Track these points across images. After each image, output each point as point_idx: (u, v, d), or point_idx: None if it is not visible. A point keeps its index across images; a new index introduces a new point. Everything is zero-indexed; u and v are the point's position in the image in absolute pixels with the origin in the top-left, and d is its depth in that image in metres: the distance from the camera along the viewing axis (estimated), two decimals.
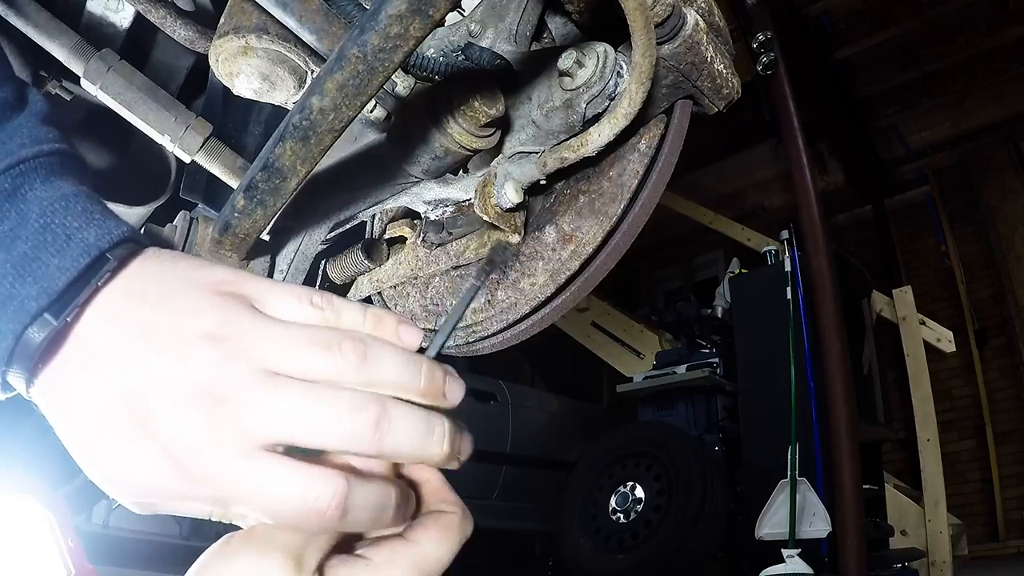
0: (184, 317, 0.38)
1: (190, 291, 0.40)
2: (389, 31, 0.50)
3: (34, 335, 0.38)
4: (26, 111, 0.45)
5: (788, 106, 4.01)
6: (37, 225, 0.40)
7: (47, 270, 0.38)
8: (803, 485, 3.43)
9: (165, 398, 0.36)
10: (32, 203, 0.41)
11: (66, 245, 0.39)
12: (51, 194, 0.41)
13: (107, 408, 0.37)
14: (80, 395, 0.38)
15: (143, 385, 0.37)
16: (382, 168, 0.86)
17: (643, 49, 0.62)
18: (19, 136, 0.43)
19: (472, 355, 0.93)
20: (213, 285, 0.40)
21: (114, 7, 1.07)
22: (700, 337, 4.99)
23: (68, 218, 0.40)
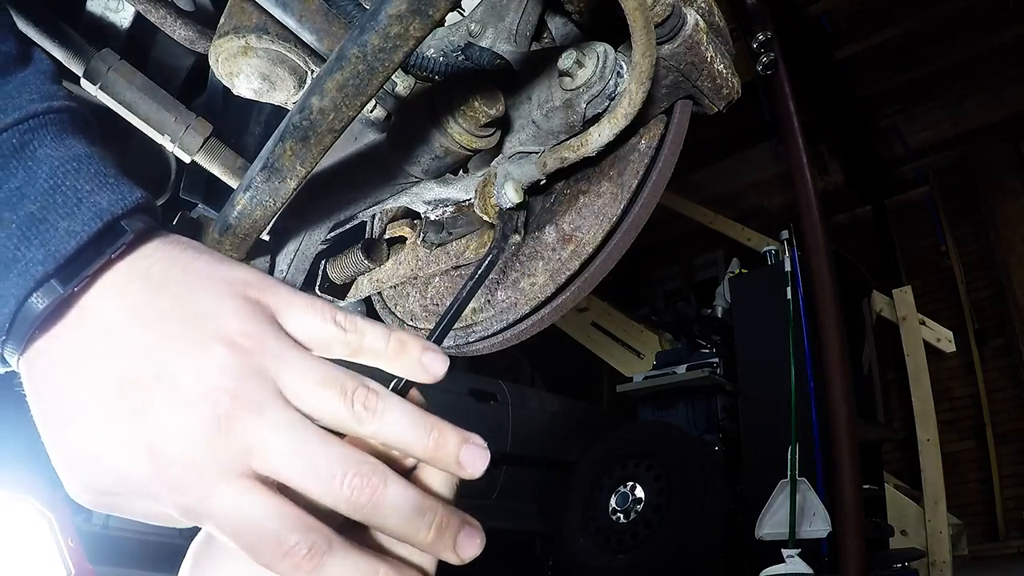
0: (206, 315, 0.37)
1: (214, 287, 0.38)
2: (389, 31, 0.50)
3: (37, 302, 0.36)
4: (32, 67, 0.42)
5: (788, 106, 4.01)
6: (46, 185, 0.37)
7: (55, 233, 0.36)
8: (803, 485, 3.43)
9: (169, 394, 0.34)
10: (41, 161, 0.38)
11: (76, 208, 0.37)
12: (62, 153, 0.39)
13: (100, 388, 0.35)
14: (72, 368, 0.36)
15: (147, 375, 0.35)
16: (382, 168, 0.86)
17: (643, 49, 0.62)
18: (27, 90, 0.40)
19: (472, 355, 0.93)
20: (238, 286, 0.38)
21: (114, 7, 1.07)
22: (700, 337, 4.99)
23: (80, 180, 0.38)
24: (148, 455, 0.34)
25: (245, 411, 0.34)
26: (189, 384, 0.34)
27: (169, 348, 0.35)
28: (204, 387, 0.34)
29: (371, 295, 1.07)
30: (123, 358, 0.36)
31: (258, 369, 0.35)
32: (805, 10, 5.83)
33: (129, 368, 0.35)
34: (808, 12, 5.88)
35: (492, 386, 4.81)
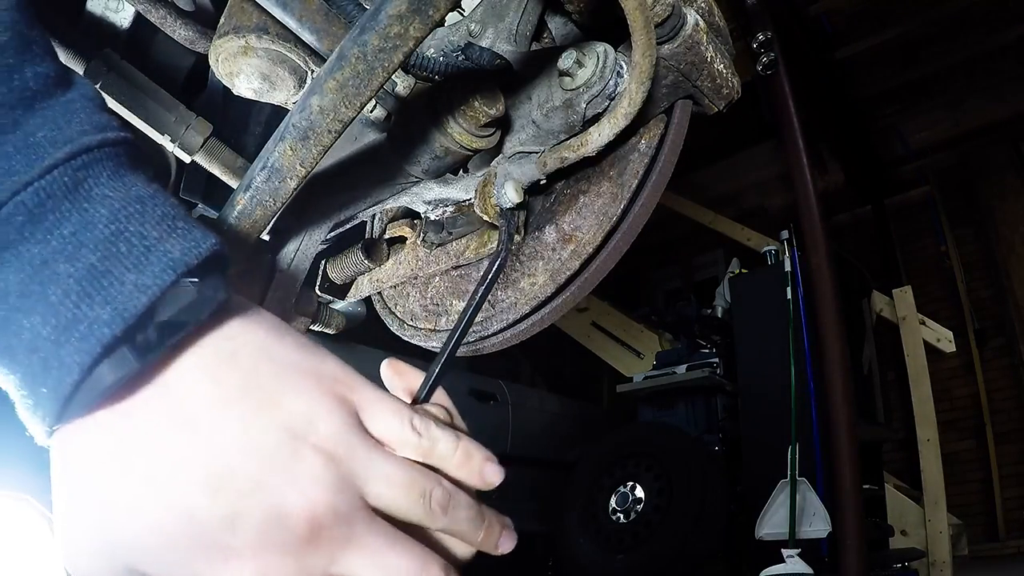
0: (300, 417, 0.35)
1: (306, 385, 0.36)
2: (389, 31, 0.50)
3: (106, 372, 0.31)
4: (75, 91, 0.37)
5: (788, 106, 4.01)
6: (107, 231, 0.33)
7: (121, 288, 0.32)
8: (803, 485, 3.43)
9: (264, 504, 0.33)
10: (99, 203, 0.33)
11: (144, 258, 0.32)
12: (122, 194, 0.34)
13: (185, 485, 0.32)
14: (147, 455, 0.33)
15: (243, 482, 0.33)
16: (382, 168, 0.86)
17: (643, 49, 0.62)
18: (76, 119, 0.35)
19: (472, 355, 0.93)
20: (328, 382, 0.37)
21: (114, 7, 1.07)
22: (700, 337, 4.99)
23: (145, 224, 0.33)
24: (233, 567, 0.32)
25: (336, 525, 0.34)
26: (285, 496, 0.33)
27: (265, 453, 0.33)
28: (300, 500, 0.33)
29: (371, 295, 1.07)
30: (215, 456, 0.33)
31: (348, 478, 0.35)
32: (805, 10, 5.83)
33: (222, 468, 0.33)
34: (808, 12, 5.88)
35: (492, 386, 4.81)
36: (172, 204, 0.35)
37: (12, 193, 0.32)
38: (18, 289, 0.31)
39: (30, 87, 0.34)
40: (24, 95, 0.34)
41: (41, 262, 0.32)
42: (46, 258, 0.32)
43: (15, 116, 0.33)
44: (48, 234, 0.32)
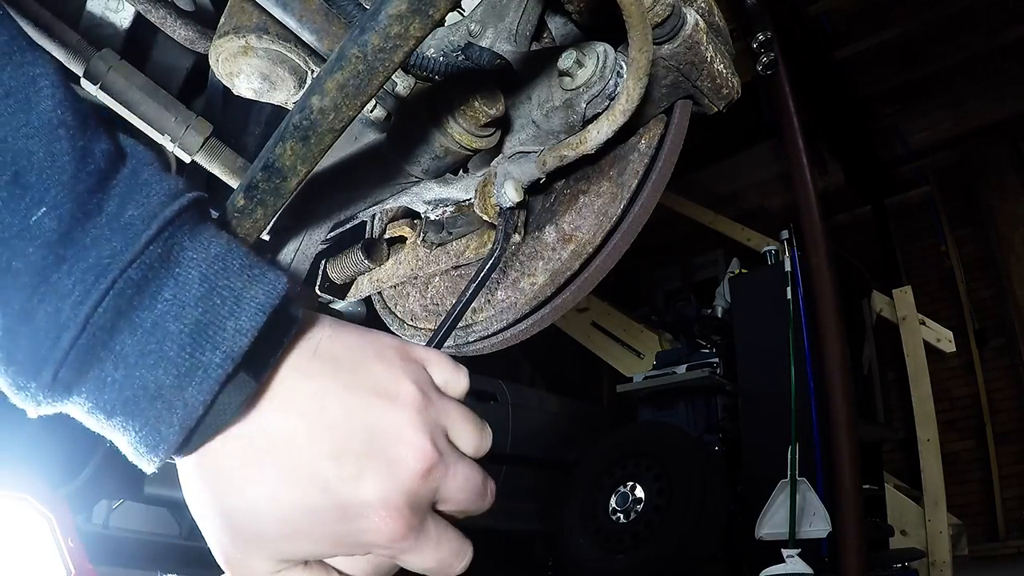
0: (386, 381, 0.43)
1: (378, 355, 0.44)
2: (389, 31, 0.50)
3: (227, 401, 0.39)
4: (132, 161, 0.41)
5: (788, 106, 4.01)
6: (201, 290, 0.39)
7: (225, 334, 0.38)
8: (803, 485, 3.43)
9: (381, 458, 0.40)
10: (188, 266, 0.39)
11: (237, 306, 0.39)
12: (203, 254, 0.40)
13: (314, 462, 0.40)
14: (277, 447, 0.40)
15: (358, 444, 0.40)
16: (382, 168, 0.86)
17: (639, 45, 0.62)
18: (152, 192, 0.40)
19: (472, 355, 0.93)
20: (396, 350, 0.45)
21: (114, 7, 1.07)
22: (700, 337, 4.99)
23: (230, 278, 0.40)
24: (370, 515, 0.40)
25: (438, 463, 0.42)
26: (396, 447, 0.41)
27: (369, 417, 0.41)
28: (408, 449, 0.41)
29: (371, 295, 1.07)
30: (330, 431, 0.40)
31: (436, 422, 0.43)
32: (805, 10, 5.83)
33: (341, 439, 0.40)
34: (808, 12, 5.88)
35: (492, 386, 4.81)
36: (243, 253, 0.41)
37: (121, 271, 0.37)
38: (136, 350, 0.37)
39: (101, 168, 0.38)
40: (100, 177, 0.38)
41: (152, 325, 0.37)
42: (155, 320, 0.37)
43: (98, 200, 0.38)
44: (153, 300, 0.38)
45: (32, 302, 0.36)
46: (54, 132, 0.37)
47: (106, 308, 0.36)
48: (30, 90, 0.37)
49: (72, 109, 0.39)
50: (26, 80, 0.38)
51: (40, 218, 0.36)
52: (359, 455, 0.40)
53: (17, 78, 0.37)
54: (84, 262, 0.36)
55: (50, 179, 0.36)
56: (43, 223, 0.36)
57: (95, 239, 0.37)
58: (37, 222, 0.36)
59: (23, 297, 0.36)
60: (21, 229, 0.36)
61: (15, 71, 0.37)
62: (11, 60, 0.38)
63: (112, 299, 0.36)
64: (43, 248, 0.36)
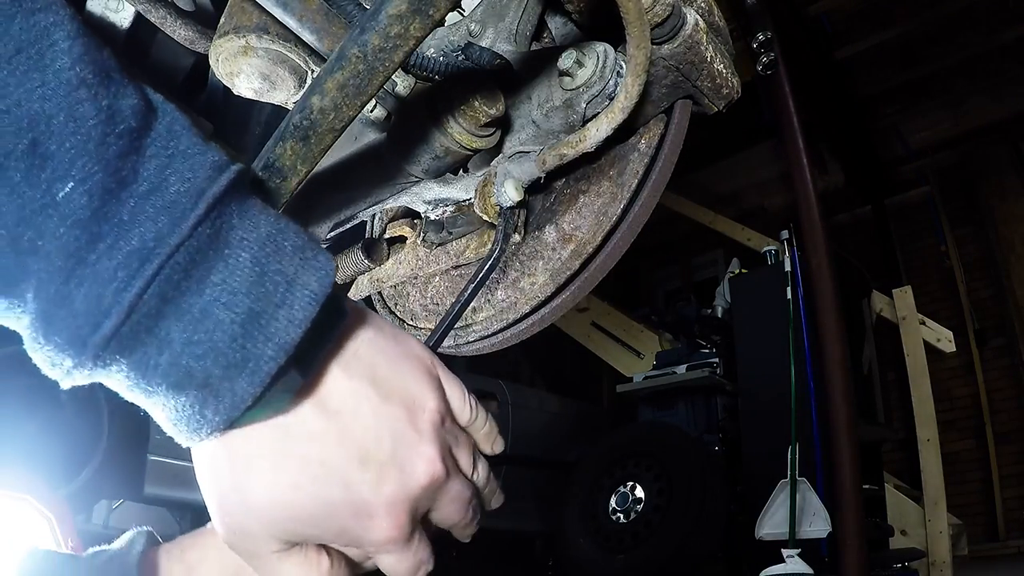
0: (415, 396, 0.44)
1: (412, 369, 0.46)
2: (389, 31, 0.50)
3: (275, 395, 0.38)
4: (165, 118, 0.37)
5: (788, 106, 4.01)
6: (252, 275, 0.37)
7: (277, 325, 0.37)
8: (803, 485, 3.43)
9: (401, 469, 0.42)
10: (238, 247, 0.37)
11: (288, 293, 0.37)
12: (254, 234, 0.37)
13: (342, 461, 0.41)
14: (309, 443, 0.40)
15: (384, 452, 0.42)
16: (382, 168, 0.86)
17: (637, 41, 0.62)
18: (197, 164, 0.37)
19: (472, 355, 0.94)
20: (426, 366, 0.47)
21: (114, 7, 1.07)
22: (700, 337, 4.99)
23: (282, 261, 0.38)
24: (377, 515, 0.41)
25: (443, 479, 0.44)
26: (413, 458, 0.43)
27: (397, 426, 0.43)
28: (422, 462, 0.43)
29: (371, 294, 1.07)
30: (361, 435, 0.41)
31: (447, 441, 0.46)
32: (805, 10, 5.83)
33: (369, 445, 0.41)
34: (808, 12, 5.88)
35: (492, 386, 4.81)
36: (294, 232, 0.40)
37: (168, 256, 0.34)
38: (183, 338, 0.36)
39: (132, 126, 0.35)
40: (132, 137, 0.35)
41: (200, 312, 0.36)
42: (204, 308, 0.36)
43: (132, 163, 0.35)
44: (201, 284, 0.36)
45: (69, 286, 0.33)
46: (74, 92, 0.34)
47: (151, 295, 0.34)
48: (43, 44, 0.34)
49: (92, 63, 0.35)
50: (38, 32, 0.34)
51: (69, 193, 0.33)
52: (382, 462, 0.41)
53: (28, 30, 0.33)
54: (126, 244, 0.34)
55: (75, 147, 0.33)
56: (72, 198, 0.33)
57: (134, 215, 0.34)
58: (66, 197, 0.33)
59: (58, 281, 0.33)
60: (44, 204, 0.33)
61: (25, 21, 0.33)
62: (20, 7, 0.33)
63: (158, 285, 0.34)
64: (75, 227, 0.33)
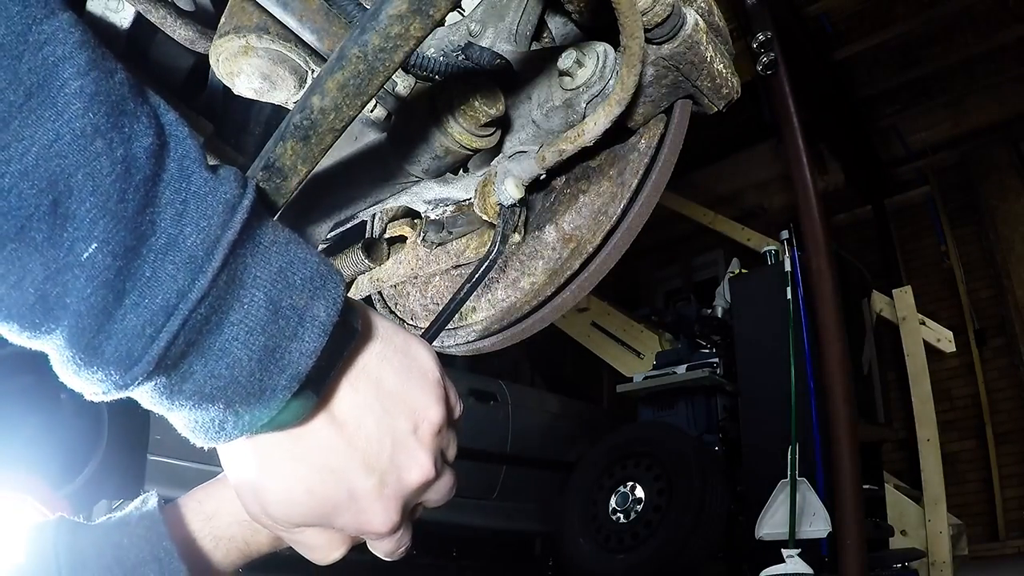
0: (417, 410, 0.48)
1: (418, 382, 0.49)
2: (390, 31, 0.50)
3: (289, 414, 0.42)
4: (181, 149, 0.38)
5: (788, 106, 4.01)
6: (266, 314, 0.40)
7: (290, 358, 0.40)
8: (803, 485, 3.43)
9: (400, 476, 0.47)
10: (252, 287, 0.39)
11: (299, 327, 0.41)
12: (266, 270, 0.40)
13: (349, 468, 0.45)
14: (317, 452, 0.45)
15: (385, 462, 0.46)
16: (382, 167, 0.86)
17: (630, 31, 0.62)
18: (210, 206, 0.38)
19: (472, 354, 0.94)
20: (430, 377, 0.50)
21: (114, 7, 1.07)
22: (700, 337, 4.99)
23: (293, 295, 0.41)
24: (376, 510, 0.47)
25: (434, 479, 0.49)
26: (410, 465, 0.48)
27: (398, 436, 0.47)
28: (418, 468, 0.48)
29: (371, 294, 1.07)
30: (366, 445, 0.46)
31: (441, 448, 0.50)
32: (805, 10, 5.83)
33: (373, 453, 0.46)
34: (808, 12, 5.88)
35: (492, 386, 4.81)
36: (303, 262, 0.42)
37: (190, 311, 0.37)
38: (204, 372, 0.39)
39: (147, 174, 0.36)
40: (148, 187, 0.36)
41: (220, 349, 0.39)
42: (223, 346, 0.39)
43: (150, 215, 0.36)
44: (220, 325, 0.38)
45: (99, 339, 0.35)
46: (90, 145, 0.34)
47: (178, 343, 0.37)
48: (54, 85, 0.33)
49: (104, 100, 0.35)
50: (47, 71, 0.33)
51: (92, 254, 0.34)
52: (384, 469, 0.46)
53: (36, 70, 0.33)
54: (151, 302, 0.36)
55: (95, 206, 0.34)
56: (96, 259, 0.34)
57: (155, 270, 0.36)
58: (90, 259, 0.34)
59: (88, 335, 0.35)
60: (69, 263, 0.34)
61: (33, 59, 0.33)
62: (26, 41, 0.33)
63: (183, 335, 0.37)
64: (102, 288, 0.35)
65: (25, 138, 0.33)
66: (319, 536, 0.50)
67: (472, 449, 4.26)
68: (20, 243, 0.33)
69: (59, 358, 0.37)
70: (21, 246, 0.33)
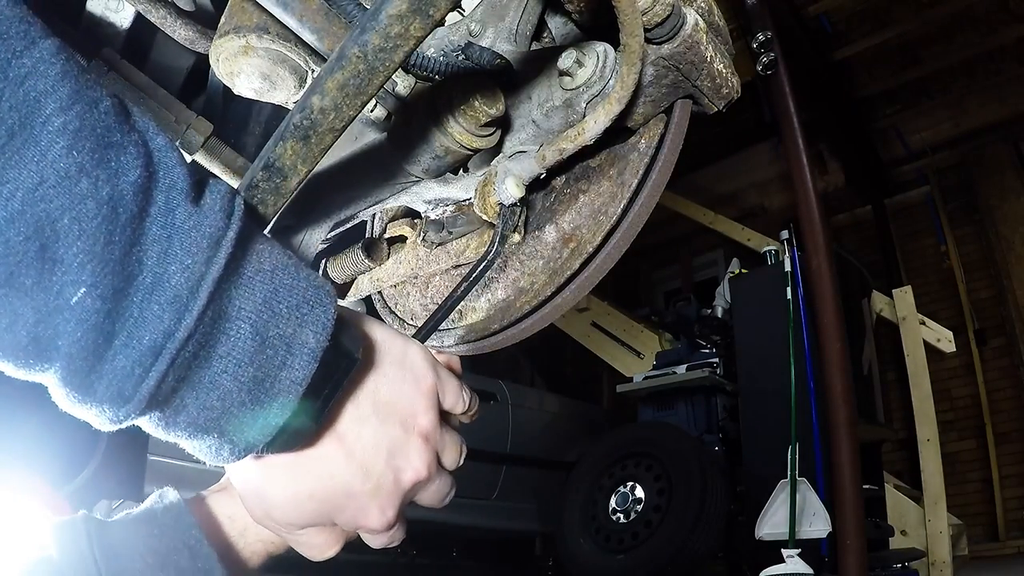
0: (409, 417, 0.50)
1: (410, 390, 0.51)
2: (390, 31, 0.50)
3: (285, 440, 0.44)
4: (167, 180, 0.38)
5: (788, 106, 4.01)
6: (254, 344, 0.40)
7: (280, 387, 0.41)
8: (803, 485, 3.42)
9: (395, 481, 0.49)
10: (237, 319, 0.40)
11: (288, 355, 0.41)
12: (251, 302, 0.40)
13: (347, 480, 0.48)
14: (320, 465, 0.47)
15: (381, 468, 0.49)
16: (382, 167, 0.86)
17: (630, 29, 0.62)
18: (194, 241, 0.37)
19: (472, 354, 0.94)
20: (423, 382, 0.52)
21: (114, 7, 1.07)
22: (700, 337, 4.99)
23: (280, 324, 0.41)
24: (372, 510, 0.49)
25: (427, 479, 0.52)
26: (403, 470, 0.50)
27: (393, 444, 0.49)
28: (411, 471, 0.50)
29: (371, 294, 1.07)
30: (362, 455, 0.48)
31: (434, 451, 0.52)
32: (805, 10, 5.83)
33: (369, 462, 0.48)
34: (808, 12, 5.88)
35: (492, 386, 4.81)
36: (289, 290, 0.42)
37: (177, 350, 0.37)
38: (196, 404, 0.40)
39: (132, 212, 0.36)
40: (134, 227, 0.36)
41: (210, 382, 0.39)
42: (213, 378, 0.39)
43: (137, 255, 0.36)
44: (208, 359, 0.39)
45: (91, 379, 0.36)
46: (75, 187, 0.33)
47: (167, 382, 0.38)
48: (36, 121, 0.32)
49: (89, 136, 0.34)
50: (29, 107, 0.32)
51: (81, 298, 0.34)
52: (380, 473, 0.49)
53: (18, 107, 0.32)
54: (139, 342, 0.36)
55: (82, 251, 0.34)
56: (85, 304, 0.34)
57: (142, 311, 0.36)
58: (79, 302, 0.34)
59: (80, 376, 0.36)
60: (59, 307, 0.34)
61: (14, 96, 0.32)
62: (7, 77, 0.32)
63: (172, 372, 0.38)
64: (91, 331, 0.35)
65: (9, 181, 0.32)
66: (318, 535, 0.52)
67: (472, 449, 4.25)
68: (10, 288, 0.33)
69: (57, 393, 0.38)
70: (11, 291, 0.33)
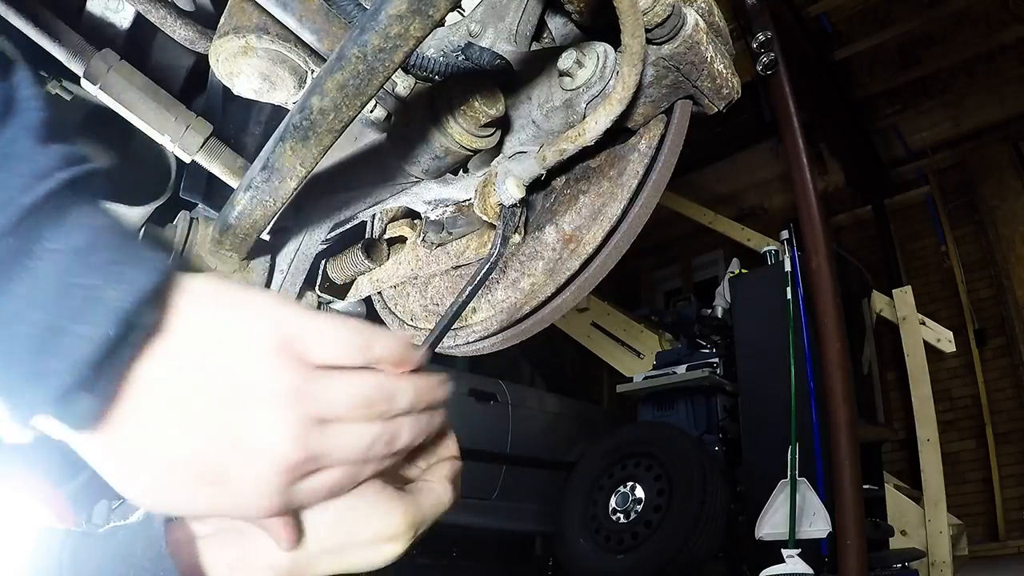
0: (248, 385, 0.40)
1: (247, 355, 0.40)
2: (389, 31, 0.50)
3: (72, 410, 0.38)
4: (14, 124, 0.38)
5: (788, 106, 4.01)
6: (55, 288, 0.36)
7: (72, 341, 0.36)
8: (803, 485, 3.42)
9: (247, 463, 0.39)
10: (45, 259, 0.36)
11: (89, 309, 0.36)
12: (64, 244, 0.37)
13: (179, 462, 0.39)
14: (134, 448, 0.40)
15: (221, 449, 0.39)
16: (382, 168, 0.86)
17: (631, 30, 0.62)
18: (18, 172, 0.37)
19: (472, 355, 0.93)
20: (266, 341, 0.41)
21: (114, 7, 1.07)
22: (700, 337, 4.99)
23: (88, 274, 0.37)
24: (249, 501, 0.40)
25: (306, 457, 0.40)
26: (260, 451, 0.39)
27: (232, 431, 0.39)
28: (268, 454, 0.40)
29: (371, 295, 1.07)
30: (191, 441, 0.39)
31: (303, 415, 0.40)
32: (805, 10, 5.83)
33: (202, 447, 0.39)
34: (808, 12, 5.88)
35: (492, 386, 4.81)
36: (114, 244, 0.38)
37: None
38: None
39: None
40: None
41: (1, 322, 0.36)
42: (6, 318, 0.36)
43: None
44: (3, 295, 0.36)
45: None
46: None
47: None
48: None
49: None
50: None
51: None
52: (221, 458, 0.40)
53: None
54: None
55: None
56: None
57: None
58: None
59: None
60: None
61: None
62: None
63: None
64: None
65: None
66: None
67: (472, 449, 4.26)
68: None
69: None
70: None
